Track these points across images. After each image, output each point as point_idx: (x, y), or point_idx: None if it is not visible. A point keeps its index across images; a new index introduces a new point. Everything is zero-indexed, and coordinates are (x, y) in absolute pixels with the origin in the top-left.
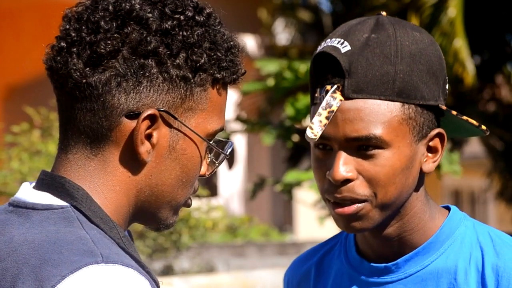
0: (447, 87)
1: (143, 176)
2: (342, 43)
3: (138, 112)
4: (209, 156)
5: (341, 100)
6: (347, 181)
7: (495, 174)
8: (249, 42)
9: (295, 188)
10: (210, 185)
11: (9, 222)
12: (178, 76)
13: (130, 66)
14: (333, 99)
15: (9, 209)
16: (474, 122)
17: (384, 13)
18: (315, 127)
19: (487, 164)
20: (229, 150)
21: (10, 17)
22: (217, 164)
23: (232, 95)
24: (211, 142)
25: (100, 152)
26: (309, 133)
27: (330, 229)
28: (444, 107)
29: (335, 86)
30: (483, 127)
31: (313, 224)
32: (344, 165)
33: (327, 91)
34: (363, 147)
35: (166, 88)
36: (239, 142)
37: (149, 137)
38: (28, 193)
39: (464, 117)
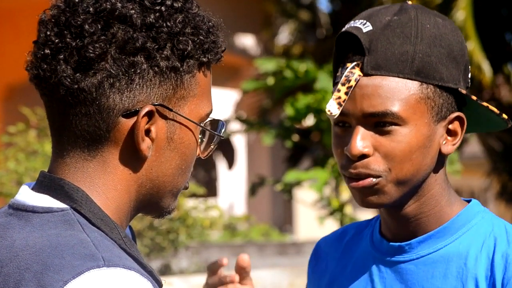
0: (469, 75)
1: (143, 171)
2: (365, 24)
3: (135, 110)
4: (199, 137)
5: (359, 75)
6: (363, 156)
7: (495, 175)
8: (249, 42)
9: (295, 188)
10: (211, 186)
11: (10, 226)
12: (168, 68)
13: (120, 66)
14: (352, 74)
15: (9, 212)
16: (495, 109)
17: (410, 2)
18: (334, 104)
19: (486, 164)
20: (223, 130)
21: (10, 17)
22: (212, 146)
23: (232, 95)
24: (205, 126)
25: (98, 154)
26: (330, 108)
27: (330, 229)
28: (463, 91)
29: (355, 63)
30: (504, 116)
31: (313, 224)
32: (362, 140)
33: (347, 69)
34: (380, 123)
35: (158, 82)
36: (239, 142)
37: (147, 132)
38: (27, 195)
39: (485, 104)
